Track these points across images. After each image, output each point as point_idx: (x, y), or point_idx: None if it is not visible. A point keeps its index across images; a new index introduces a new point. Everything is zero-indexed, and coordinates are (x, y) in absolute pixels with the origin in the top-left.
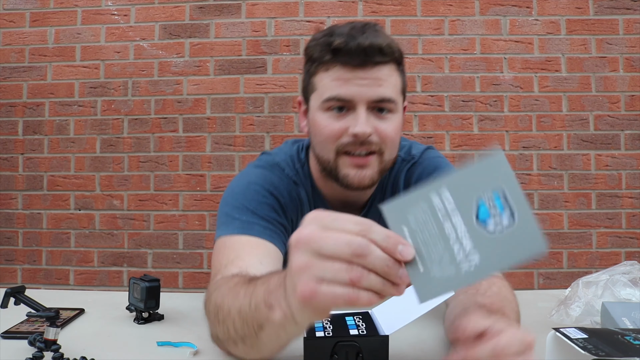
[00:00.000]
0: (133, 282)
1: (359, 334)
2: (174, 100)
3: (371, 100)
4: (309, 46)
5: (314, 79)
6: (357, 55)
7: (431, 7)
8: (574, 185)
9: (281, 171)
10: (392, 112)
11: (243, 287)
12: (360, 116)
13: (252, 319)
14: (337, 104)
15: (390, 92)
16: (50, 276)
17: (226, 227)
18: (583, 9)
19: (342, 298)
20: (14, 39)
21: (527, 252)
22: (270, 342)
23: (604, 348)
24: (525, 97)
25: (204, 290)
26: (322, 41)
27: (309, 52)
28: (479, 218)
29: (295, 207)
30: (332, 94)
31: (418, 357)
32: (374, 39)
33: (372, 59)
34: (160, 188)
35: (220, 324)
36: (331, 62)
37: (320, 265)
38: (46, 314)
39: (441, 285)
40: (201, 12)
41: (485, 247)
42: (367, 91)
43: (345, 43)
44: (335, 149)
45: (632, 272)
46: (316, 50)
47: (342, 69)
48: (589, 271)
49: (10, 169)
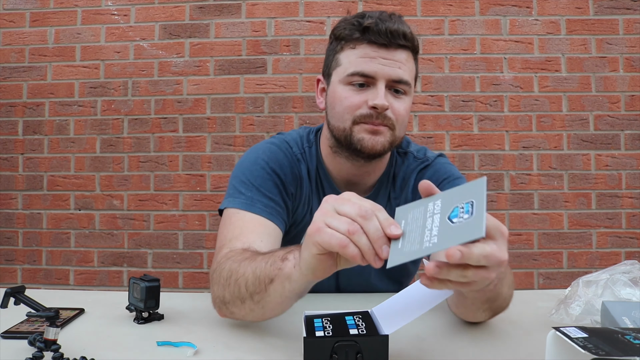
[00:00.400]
0: (133, 282)
1: (358, 333)
2: (174, 100)
3: (391, 79)
4: (338, 26)
5: (340, 55)
6: (384, 35)
7: (431, 7)
8: (574, 185)
9: (289, 149)
10: (406, 94)
11: (260, 255)
12: (380, 90)
13: (266, 274)
14: (360, 79)
15: (408, 75)
16: (50, 276)
17: (233, 199)
18: (583, 9)
19: (336, 240)
20: (14, 39)
21: (469, 236)
22: (276, 295)
23: (604, 347)
24: (525, 97)
25: (204, 290)
26: (354, 21)
27: (337, 32)
28: (449, 217)
29: (296, 183)
30: (357, 69)
31: (418, 357)
32: (399, 25)
33: (396, 41)
34: (160, 188)
35: (232, 285)
36: (359, 40)
37: (333, 215)
38: (46, 314)
39: (405, 255)
40: (201, 12)
41: (444, 232)
42: (389, 70)
43: (375, 24)
44: (353, 119)
45: (632, 271)
46: (346, 29)
47: (369, 47)
48: (589, 271)
49: (10, 169)
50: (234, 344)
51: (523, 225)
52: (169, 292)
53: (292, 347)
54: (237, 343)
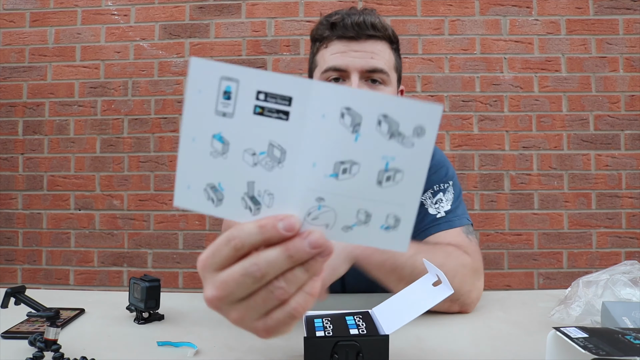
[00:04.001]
0: (133, 282)
1: (359, 333)
2: (174, 100)
3: (364, 70)
4: (314, 29)
5: (316, 56)
6: (351, 28)
7: (431, 7)
8: (574, 185)
9: None
10: (384, 84)
11: None
12: (354, 82)
13: None
14: (334, 74)
15: (383, 64)
16: (50, 276)
17: None
18: (583, 9)
19: (293, 318)
20: (14, 39)
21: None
22: None
23: (604, 347)
24: (525, 97)
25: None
26: (323, 20)
27: (313, 34)
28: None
29: None
30: (329, 65)
31: (418, 357)
32: (367, 17)
33: (364, 32)
34: (160, 188)
35: None
36: (329, 38)
37: (248, 309)
38: (46, 314)
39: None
40: (201, 12)
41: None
42: (360, 61)
43: (341, 19)
44: None
45: (632, 271)
46: (319, 29)
47: (339, 43)
48: (589, 271)
49: (10, 169)
50: (234, 344)
51: (523, 225)
52: (169, 292)
53: (292, 347)
54: (237, 343)
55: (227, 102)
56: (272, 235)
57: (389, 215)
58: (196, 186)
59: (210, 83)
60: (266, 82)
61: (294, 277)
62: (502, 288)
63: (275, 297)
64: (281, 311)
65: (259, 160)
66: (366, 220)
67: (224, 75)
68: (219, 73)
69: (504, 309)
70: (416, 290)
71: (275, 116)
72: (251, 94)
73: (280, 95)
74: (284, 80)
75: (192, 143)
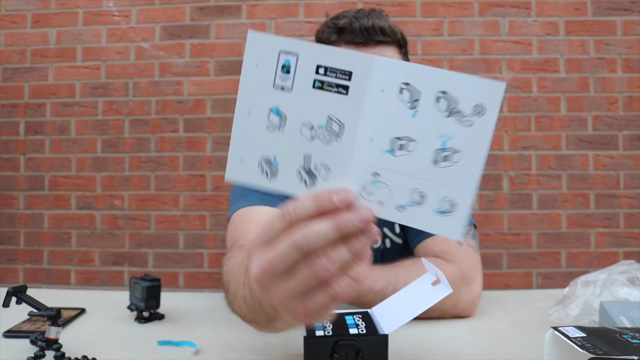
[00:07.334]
0: (134, 281)
1: (358, 333)
2: (175, 100)
3: None
4: (318, 31)
5: None
6: (359, 34)
7: (430, 8)
8: (573, 186)
9: None
10: None
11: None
12: None
13: (260, 314)
14: None
15: None
16: (51, 276)
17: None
18: (581, 10)
19: (334, 301)
20: (16, 40)
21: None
22: (284, 328)
23: (602, 347)
24: (524, 97)
25: (205, 290)
26: (330, 23)
27: (319, 35)
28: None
29: None
30: None
31: (418, 356)
32: (376, 21)
33: (374, 37)
34: (161, 188)
35: (233, 302)
36: (337, 42)
37: (290, 288)
38: (48, 313)
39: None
40: (202, 13)
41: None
42: None
43: (349, 23)
44: None
45: (630, 271)
46: (324, 32)
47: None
48: (587, 271)
49: (11, 169)
50: (235, 343)
51: (522, 225)
52: (170, 292)
53: (292, 347)
54: (238, 343)
55: (286, 76)
56: (326, 207)
57: (444, 198)
58: (250, 160)
59: (268, 57)
60: (326, 56)
61: (337, 255)
62: (501, 287)
63: (317, 275)
64: (323, 293)
65: (317, 134)
66: (420, 201)
67: (283, 49)
68: (278, 47)
69: (503, 308)
70: (415, 289)
71: (335, 90)
72: (311, 68)
73: (341, 69)
74: (344, 54)
75: (247, 117)
